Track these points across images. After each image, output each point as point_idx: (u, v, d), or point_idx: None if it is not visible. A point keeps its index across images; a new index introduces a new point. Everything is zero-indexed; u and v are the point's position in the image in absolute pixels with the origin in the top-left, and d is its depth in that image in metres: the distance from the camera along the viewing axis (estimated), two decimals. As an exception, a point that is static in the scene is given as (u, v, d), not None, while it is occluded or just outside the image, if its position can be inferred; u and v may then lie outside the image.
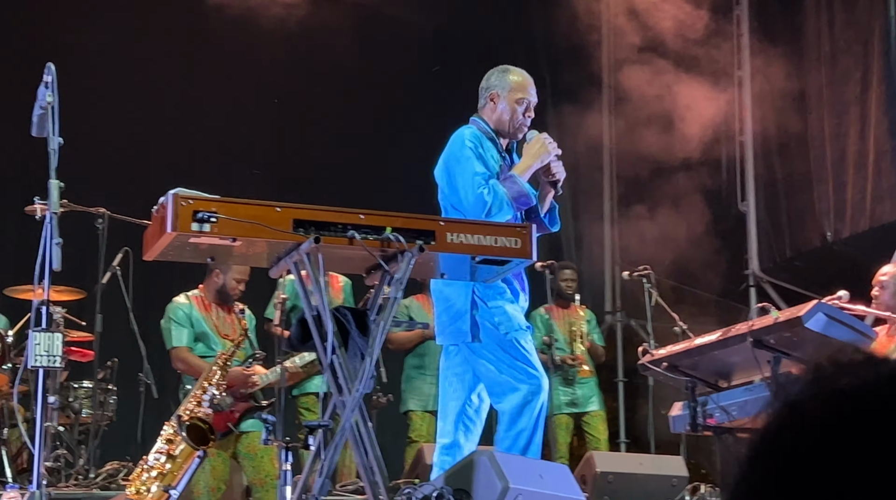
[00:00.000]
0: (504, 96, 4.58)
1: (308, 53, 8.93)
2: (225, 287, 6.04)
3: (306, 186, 8.18)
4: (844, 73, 8.11)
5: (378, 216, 3.89)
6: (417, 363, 7.43)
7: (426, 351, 7.37)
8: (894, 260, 6.75)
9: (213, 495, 5.66)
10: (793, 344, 4.78)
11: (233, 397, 5.71)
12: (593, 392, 7.81)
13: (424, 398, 7.34)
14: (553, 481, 4.13)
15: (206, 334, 6.03)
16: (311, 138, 8.92)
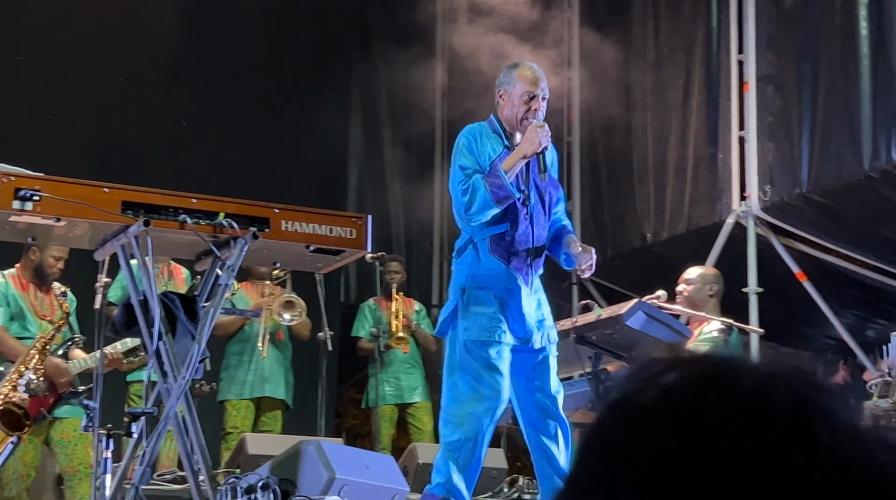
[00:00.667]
0: (510, 91, 4.48)
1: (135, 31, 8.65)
2: (42, 266, 5.81)
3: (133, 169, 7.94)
4: (668, 79, 8.40)
5: (211, 201, 3.83)
6: (238, 350, 7.29)
7: (248, 337, 7.26)
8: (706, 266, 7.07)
9: (22, 482, 5.45)
10: (613, 341, 4.95)
11: (48, 383, 5.51)
12: (418, 384, 7.86)
13: (241, 387, 7.22)
14: (379, 471, 4.15)
15: (22, 313, 5.78)
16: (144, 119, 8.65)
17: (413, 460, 6.57)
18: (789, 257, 7.62)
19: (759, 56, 7.61)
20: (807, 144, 7.20)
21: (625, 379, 0.81)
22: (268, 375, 7.25)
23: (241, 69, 8.98)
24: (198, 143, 8.60)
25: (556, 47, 9.39)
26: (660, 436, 0.75)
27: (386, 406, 7.71)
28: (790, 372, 0.79)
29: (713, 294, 5.89)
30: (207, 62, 8.81)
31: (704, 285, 5.90)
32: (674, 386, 0.78)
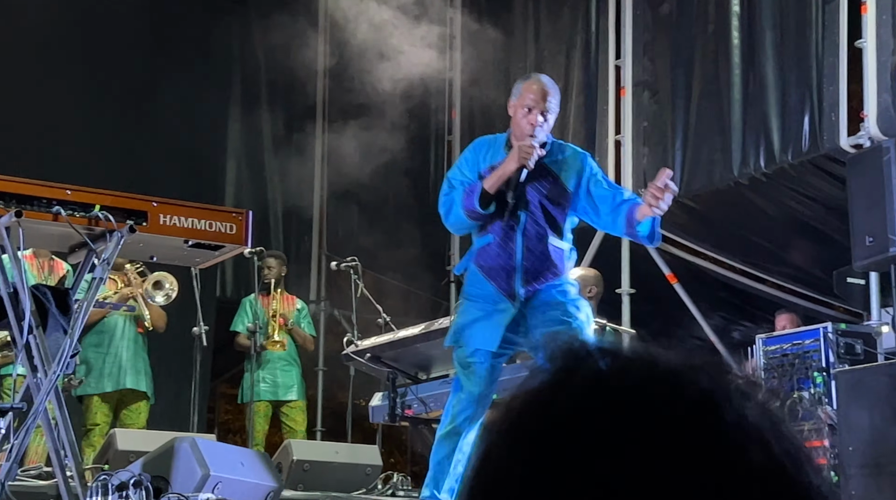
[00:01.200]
0: (514, 104, 4.38)
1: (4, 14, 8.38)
2: None
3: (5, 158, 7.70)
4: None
5: (87, 193, 3.75)
6: (96, 341, 7.10)
7: (105, 329, 7.09)
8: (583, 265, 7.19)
9: None
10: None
11: None
12: (294, 382, 7.81)
13: (101, 380, 7.05)
14: (253, 468, 4.12)
15: None
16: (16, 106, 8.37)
17: (287, 456, 6.53)
18: (661, 260, 7.82)
19: (636, 62, 7.78)
20: (680, 150, 7.40)
21: (543, 368, 0.81)
22: (128, 367, 7.10)
23: (117, 55, 8.78)
24: (73, 131, 8.38)
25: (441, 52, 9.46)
26: (583, 427, 0.75)
27: (261, 403, 7.65)
28: (703, 364, 0.80)
29: (592, 296, 6.01)
30: (81, 48, 8.59)
31: (584, 286, 6.02)
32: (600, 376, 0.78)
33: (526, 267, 4.23)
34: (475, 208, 4.17)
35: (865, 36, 6.21)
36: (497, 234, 4.27)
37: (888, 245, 5.50)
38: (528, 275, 4.23)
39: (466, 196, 4.20)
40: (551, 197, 4.31)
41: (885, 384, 5.09)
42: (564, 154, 4.40)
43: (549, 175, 4.32)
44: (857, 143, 6.19)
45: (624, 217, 4.31)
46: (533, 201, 4.28)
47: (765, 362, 6.06)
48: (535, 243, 4.26)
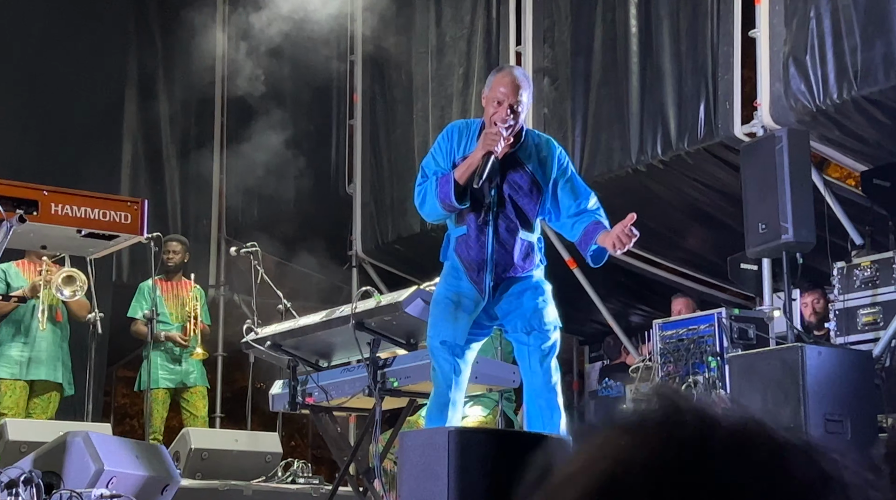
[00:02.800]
0: (486, 96, 4.30)
1: None
2: None
3: None
4: (449, 67, 8.53)
5: (-26, 182, 3.63)
6: (11, 330, 6.97)
7: (21, 316, 6.95)
8: None
9: None
10: (392, 328, 4.99)
11: None
12: (195, 368, 7.71)
13: (14, 367, 6.90)
14: (149, 461, 4.06)
15: None
16: None
17: (185, 445, 6.45)
18: (560, 245, 7.90)
19: (536, 49, 7.83)
20: (579, 136, 7.47)
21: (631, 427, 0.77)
22: (44, 357, 6.97)
23: (9, 38, 8.51)
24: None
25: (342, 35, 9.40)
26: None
27: (159, 390, 7.53)
28: (825, 448, 0.77)
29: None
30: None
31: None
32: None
33: (496, 260, 4.24)
34: (451, 199, 4.17)
35: (759, 26, 6.34)
36: (471, 226, 4.28)
37: (780, 232, 5.64)
38: (498, 268, 4.25)
39: (441, 187, 4.19)
40: (523, 191, 4.31)
41: (776, 368, 5.23)
42: (538, 147, 4.38)
43: (520, 168, 4.31)
44: (751, 131, 6.32)
45: (582, 231, 4.34)
46: (504, 195, 4.28)
47: (661, 346, 6.17)
48: (506, 237, 4.26)
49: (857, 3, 5.80)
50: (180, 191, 9.80)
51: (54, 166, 7.76)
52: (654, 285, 8.45)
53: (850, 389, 5.23)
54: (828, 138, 6.36)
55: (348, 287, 9.10)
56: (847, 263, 6.08)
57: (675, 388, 0.81)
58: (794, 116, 6.10)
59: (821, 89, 5.95)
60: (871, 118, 5.99)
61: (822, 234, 5.95)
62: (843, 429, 5.11)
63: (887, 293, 5.87)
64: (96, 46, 9.08)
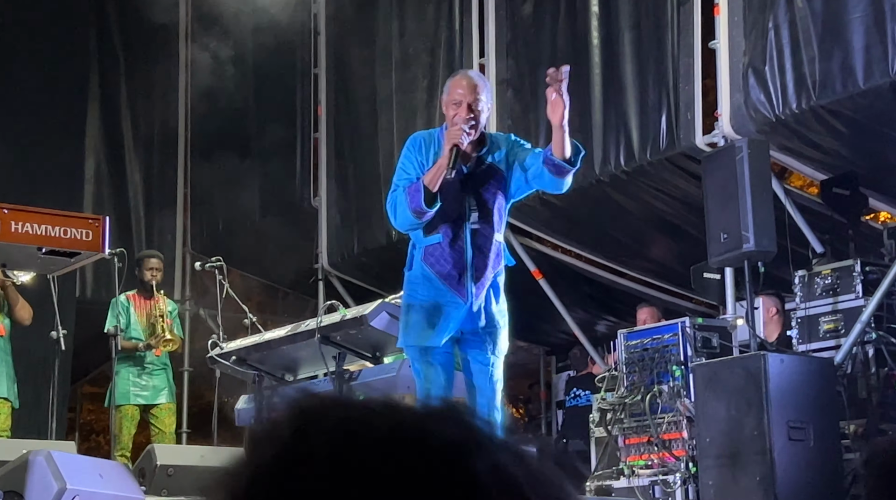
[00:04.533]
0: (445, 100, 4.37)
1: None
2: None
3: None
4: (412, 79, 8.55)
5: (-69, 200, 3.60)
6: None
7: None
8: None
9: None
10: (358, 341, 5.01)
11: None
12: (164, 384, 7.65)
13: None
14: (112, 479, 4.03)
15: None
16: None
17: (151, 461, 6.39)
18: (526, 256, 7.94)
19: (500, 60, 7.86)
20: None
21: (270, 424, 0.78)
22: None
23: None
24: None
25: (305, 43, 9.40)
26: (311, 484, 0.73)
27: (130, 406, 7.47)
28: (445, 413, 0.77)
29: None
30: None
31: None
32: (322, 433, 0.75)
33: (476, 265, 4.28)
34: (421, 207, 4.20)
35: (718, 37, 6.40)
36: (447, 234, 4.30)
37: (741, 242, 5.69)
38: (478, 272, 4.30)
39: (411, 196, 4.22)
40: (492, 191, 4.37)
41: (739, 376, 5.27)
42: (499, 146, 4.45)
43: (490, 170, 4.36)
44: (712, 141, 6.38)
45: (544, 164, 4.30)
46: (479, 199, 4.33)
47: (626, 356, 6.20)
48: (483, 241, 4.31)
49: (815, 14, 5.87)
50: (144, 206, 9.75)
51: (15, 183, 7.68)
52: (620, 295, 8.50)
53: (812, 396, 5.28)
54: (788, 148, 6.43)
55: (314, 300, 9.08)
56: (808, 271, 6.14)
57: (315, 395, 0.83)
58: (754, 126, 6.16)
59: (780, 99, 6.02)
60: (829, 128, 6.06)
61: (783, 242, 6.01)
62: (806, 436, 5.16)
63: (848, 301, 5.93)
64: (57, 62, 9.02)
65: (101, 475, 3.89)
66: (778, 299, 6.86)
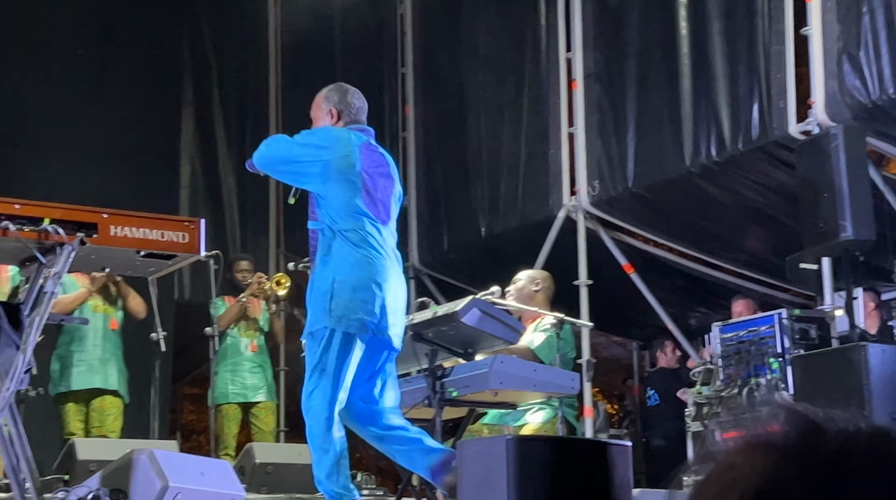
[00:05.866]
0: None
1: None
2: None
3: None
4: (499, 76, 8.55)
5: (36, 207, 3.72)
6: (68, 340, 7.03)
7: (77, 328, 7.03)
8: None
9: None
10: (449, 338, 5.01)
11: None
12: (263, 382, 7.79)
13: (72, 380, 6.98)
14: (213, 477, 4.11)
15: None
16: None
17: (250, 460, 6.52)
18: (617, 250, 7.88)
19: (587, 54, 7.82)
20: (632, 141, 7.45)
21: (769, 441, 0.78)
22: (99, 366, 7.03)
23: (65, 64, 8.68)
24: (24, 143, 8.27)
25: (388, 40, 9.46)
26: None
27: (231, 405, 7.62)
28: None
29: (538, 290, 6.03)
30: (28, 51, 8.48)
31: (530, 282, 6.05)
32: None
33: (310, 253, 4.30)
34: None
35: (810, 23, 6.28)
36: None
37: (839, 231, 5.57)
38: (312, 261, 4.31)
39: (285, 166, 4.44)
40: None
41: (839, 368, 5.17)
42: None
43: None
44: (806, 129, 6.26)
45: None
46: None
47: (721, 349, 6.12)
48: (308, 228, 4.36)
49: (911, -5, 5.72)
50: (238, 209, 9.91)
51: (113, 189, 7.88)
52: (713, 287, 8.38)
53: (915, 387, 5.15)
54: (885, 134, 6.27)
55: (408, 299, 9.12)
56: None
57: (805, 405, 0.82)
58: (849, 113, 6.03)
59: (876, 84, 5.88)
60: (928, 112, 5.91)
61: (882, 231, 5.87)
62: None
63: (951, 289, 5.77)
64: (152, 71, 9.23)
65: (203, 472, 3.98)
66: (875, 293, 6.71)
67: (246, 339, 7.76)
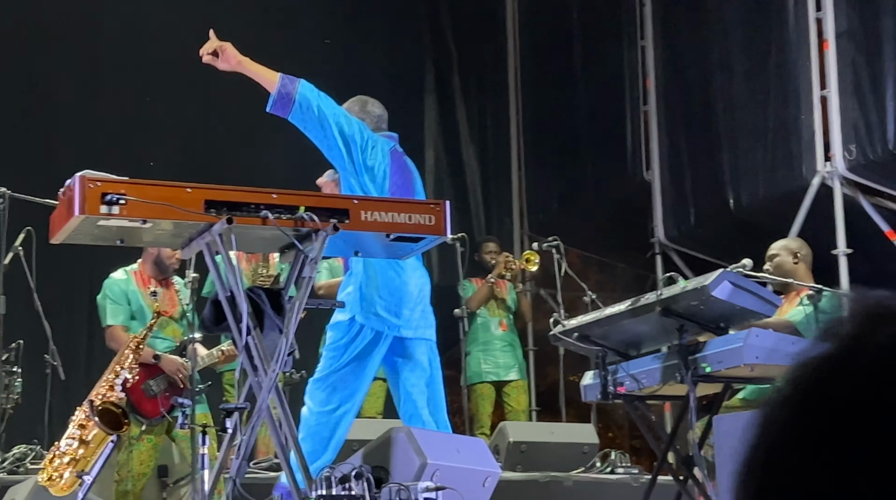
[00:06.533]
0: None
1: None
2: (161, 257, 5.88)
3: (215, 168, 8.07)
4: (744, 43, 8.26)
5: (291, 196, 3.88)
6: None
7: None
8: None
9: (138, 480, 5.59)
10: (700, 312, 4.89)
11: (167, 382, 5.63)
12: (514, 361, 7.89)
13: None
14: (469, 454, 4.18)
15: (142, 310, 5.88)
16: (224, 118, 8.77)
17: (504, 439, 6.60)
18: (878, 216, 7.47)
19: (838, 12, 7.44)
20: (891, 100, 7.04)
21: (838, 331, 0.77)
22: None
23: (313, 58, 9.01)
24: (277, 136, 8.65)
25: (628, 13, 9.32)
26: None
27: (484, 384, 7.75)
28: None
29: (798, 261, 5.82)
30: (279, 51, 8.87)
31: (788, 254, 5.83)
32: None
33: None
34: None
35: None
36: None
37: None
38: None
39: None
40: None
41: None
42: None
43: None
44: None
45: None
46: None
47: None
48: None
49: None
50: (482, 192, 10.04)
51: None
52: None
53: None
54: None
55: (653, 275, 8.99)
56: None
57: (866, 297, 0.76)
58: None
59: None
60: None
61: None
62: None
63: None
64: (397, 60, 9.49)
65: (459, 450, 4.05)
66: None
67: (496, 318, 7.87)
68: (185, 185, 3.81)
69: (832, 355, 0.75)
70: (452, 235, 6.48)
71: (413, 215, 3.95)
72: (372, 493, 3.64)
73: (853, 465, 0.70)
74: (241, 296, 3.76)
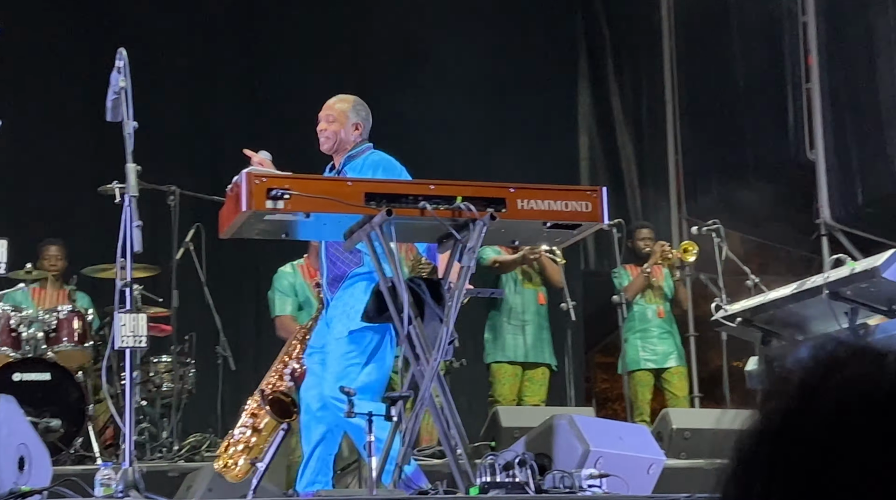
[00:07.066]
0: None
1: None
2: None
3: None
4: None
5: (448, 186, 3.92)
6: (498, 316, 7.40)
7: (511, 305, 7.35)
8: None
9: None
10: (870, 295, 4.74)
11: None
12: (672, 348, 7.78)
13: (509, 350, 7.31)
14: (632, 441, 4.15)
15: (308, 301, 6.07)
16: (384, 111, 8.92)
17: (666, 425, 6.52)
18: None
19: None
20: None
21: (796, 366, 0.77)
22: (531, 339, 7.31)
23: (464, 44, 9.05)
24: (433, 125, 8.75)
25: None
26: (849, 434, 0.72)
27: (642, 372, 7.67)
28: None
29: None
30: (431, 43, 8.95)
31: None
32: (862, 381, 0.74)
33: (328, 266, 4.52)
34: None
35: None
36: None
37: None
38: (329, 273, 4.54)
39: None
40: None
41: None
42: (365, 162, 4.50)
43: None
44: None
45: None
46: None
47: None
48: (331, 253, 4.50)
49: None
50: (638, 177, 9.92)
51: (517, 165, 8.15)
52: None
53: None
54: None
55: (818, 257, 8.72)
56: None
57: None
58: None
59: None
60: None
61: None
62: None
63: None
64: (548, 47, 9.46)
65: (621, 437, 4.03)
66: None
67: (653, 305, 7.78)
68: (346, 178, 3.90)
69: (776, 418, 0.77)
70: (609, 221, 6.43)
71: (570, 203, 3.94)
72: (535, 480, 3.66)
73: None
74: (402, 286, 3.83)
